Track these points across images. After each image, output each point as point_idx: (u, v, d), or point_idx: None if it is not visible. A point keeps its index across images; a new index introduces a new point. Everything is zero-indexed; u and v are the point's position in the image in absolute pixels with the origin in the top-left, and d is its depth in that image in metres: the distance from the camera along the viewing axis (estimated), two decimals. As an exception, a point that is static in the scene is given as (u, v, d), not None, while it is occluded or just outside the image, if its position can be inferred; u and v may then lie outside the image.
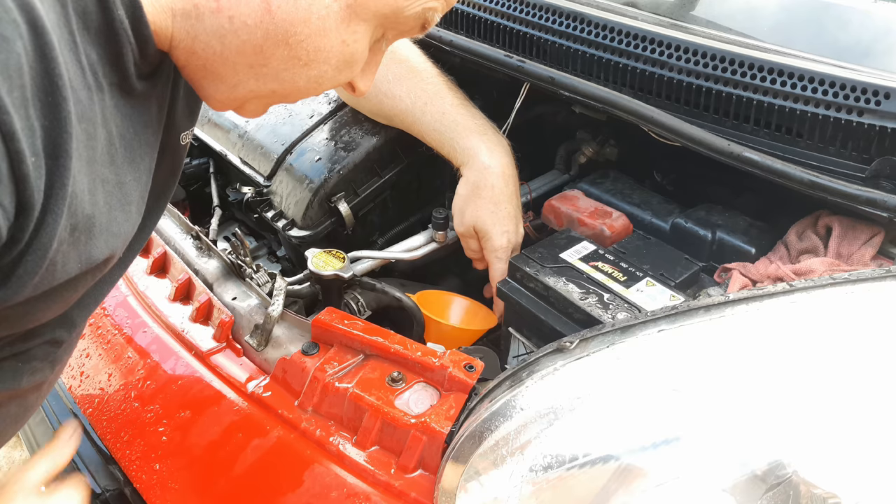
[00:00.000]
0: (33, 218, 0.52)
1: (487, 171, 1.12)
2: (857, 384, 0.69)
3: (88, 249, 0.61)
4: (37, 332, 0.72)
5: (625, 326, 0.76)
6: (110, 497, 0.99)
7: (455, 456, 0.77)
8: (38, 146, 0.51)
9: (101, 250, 0.63)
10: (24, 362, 0.73)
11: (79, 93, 0.56)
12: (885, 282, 0.75)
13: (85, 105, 0.57)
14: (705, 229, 1.10)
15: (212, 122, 1.44)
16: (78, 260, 0.60)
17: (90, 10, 0.57)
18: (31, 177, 0.50)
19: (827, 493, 0.66)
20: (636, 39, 1.12)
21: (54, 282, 0.59)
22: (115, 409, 1.02)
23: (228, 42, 0.64)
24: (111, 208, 0.63)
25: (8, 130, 0.47)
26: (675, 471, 0.69)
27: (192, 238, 1.21)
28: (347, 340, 0.94)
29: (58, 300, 0.65)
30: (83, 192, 0.58)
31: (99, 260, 0.63)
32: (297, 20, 0.64)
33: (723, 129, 1.04)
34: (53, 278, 0.59)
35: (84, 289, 0.68)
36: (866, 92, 0.94)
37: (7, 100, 0.47)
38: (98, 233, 0.62)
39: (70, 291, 0.65)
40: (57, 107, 0.52)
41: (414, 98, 1.17)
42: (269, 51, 0.65)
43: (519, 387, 0.75)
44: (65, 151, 0.53)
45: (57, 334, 0.74)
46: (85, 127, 0.57)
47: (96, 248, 0.62)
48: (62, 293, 0.64)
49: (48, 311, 0.67)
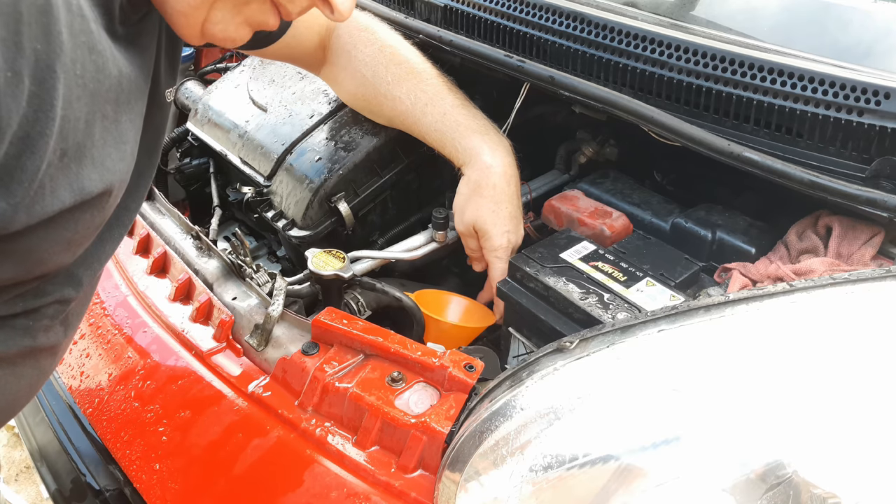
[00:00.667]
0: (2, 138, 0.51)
1: (489, 170, 1.12)
2: (858, 384, 0.69)
3: (80, 179, 0.61)
4: (46, 289, 0.73)
5: (625, 326, 0.76)
6: (110, 497, 0.99)
7: (455, 456, 0.77)
8: (20, 66, 0.50)
9: (95, 183, 0.63)
10: (36, 320, 0.74)
11: (89, 24, 0.56)
12: (886, 282, 0.75)
13: (96, 38, 0.57)
14: (705, 229, 1.10)
15: (212, 122, 1.44)
16: (70, 188, 0.60)
17: None
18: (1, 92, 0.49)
19: (827, 493, 0.66)
20: (636, 39, 1.12)
21: (47, 208, 0.59)
22: (115, 409, 1.02)
23: None
24: (105, 143, 0.63)
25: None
26: (675, 471, 0.69)
27: (192, 238, 1.21)
28: (347, 340, 0.94)
29: (59, 240, 0.65)
30: (78, 119, 0.58)
31: (93, 192, 0.63)
32: None
33: (723, 129, 1.04)
34: (44, 203, 0.58)
35: (86, 231, 0.68)
36: (866, 92, 0.94)
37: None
38: (90, 163, 0.62)
39: (70, 228, 0.65)
40: (51, 32, 0.51)
41: (414, 99, 1.17)
42: None
43: (519, 387, 0.75)
44: (53, 76, 0.52)
45: (65, 293, 0.75)
46: (94, 58, 0.57)
47: (89, 179, 0.62)
48: (62, 230, 0.64)
49: (53, 253, 0.67)
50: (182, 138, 1.52)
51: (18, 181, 0.55)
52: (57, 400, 1.13)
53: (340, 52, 1.21)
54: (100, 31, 0.59)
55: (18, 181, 0.55)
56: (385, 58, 1.19)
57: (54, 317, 0.77)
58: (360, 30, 1.21)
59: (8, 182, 0.55)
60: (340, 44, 1.21)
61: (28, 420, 1.21)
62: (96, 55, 0.58)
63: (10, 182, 0.55)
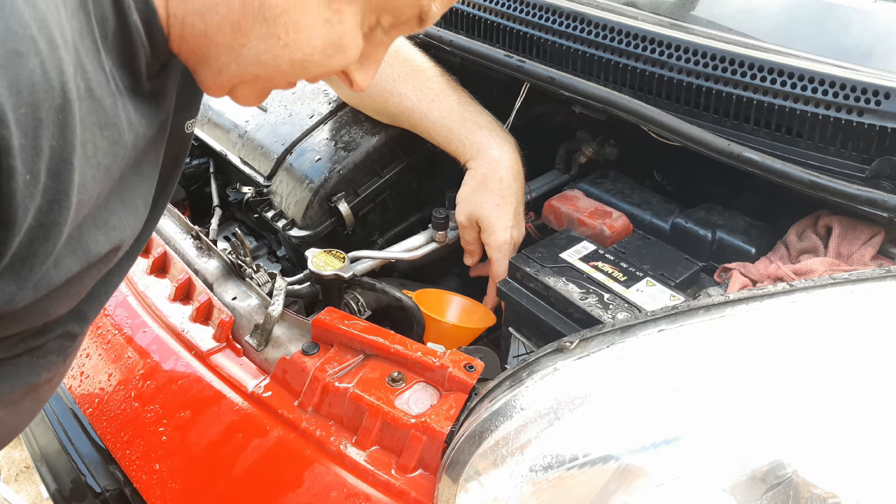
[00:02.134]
0: (16, 233, 0.51)
1: (497, 163, 1.13)
2: (858, 384, 0.69)
3: (85, 245, 0.61)
4: (50, 327, 0.72)
5: (625, 326, 0.76)
6: (110, 497, 0.99)
7: (455, 456, 0.77)
8: (38, 167, 0.50)
9: (102, 244, 0.63)
10: (40, 357, 0.73)
11: (102, 101, 0.56)
12: (886, 282, 0.75)
13: (109, 113, 0.57)
14: (705, 229, 1.10)
15: (212, 122, 1.44)
16: (76, 256, 0.60)
17: (108, 16, 0.56)
18: (20, 195, 0.49)
19: (827, 493, 0.66)
20: (636, 39, 1.12)
21: (53, 281, 0.59)
22: (115, 409, 1.02)
23: (209, 19, 0.63)
24: (113, 203, 0.63)
25: (4, 145, 0.46)
26: (675, 471, 0.69)
27: (192, 238, 1.21)
28: (347, 340, 0.94)
29: (65, 296, 0.65)
30: (92, 196, 0.58)
31: (100, 254, 0.63)
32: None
33: (723, 128, 1.04)
34: (51, 278, 0.58)
35: (92, 282, 0.68)
36: (866, 92, 0.94)
37: (11, 115, 0.46)
38: (96, 228, 0.61)
39: (76, 287, 0.65)
40: (68, 126, 0.51)
41: (420, 95, 1.17)
42: (246, 27, 0.63)
43: (519, 387, 0.75)
44: (70, 168, 0.52)
45: (70, 328, 0.74)
46: (108, 135, 0.57)
47: (95, 242, 0.62)
48: (68, 290, 0.63)
49: (58, 308, 0.67)
50: (182, 138, 1.52)
51: (30, 266, 0.55)
52: (57, 400, 1.13)
53: None
54: (118, 98, 0.58)
55: (30, 266, 0.55)
56: (389, 55, 1.19)
57: (59, 352, 0.75)
58: None
59: (19, 268, 0.54)
60: None
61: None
62: (109, 130, 0.57)
63: (22, 268, 0.54)
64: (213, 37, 0.64)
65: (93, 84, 0.55)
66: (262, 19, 0.63)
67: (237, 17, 0.62)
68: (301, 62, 0.67)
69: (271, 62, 0.66)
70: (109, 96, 0.57)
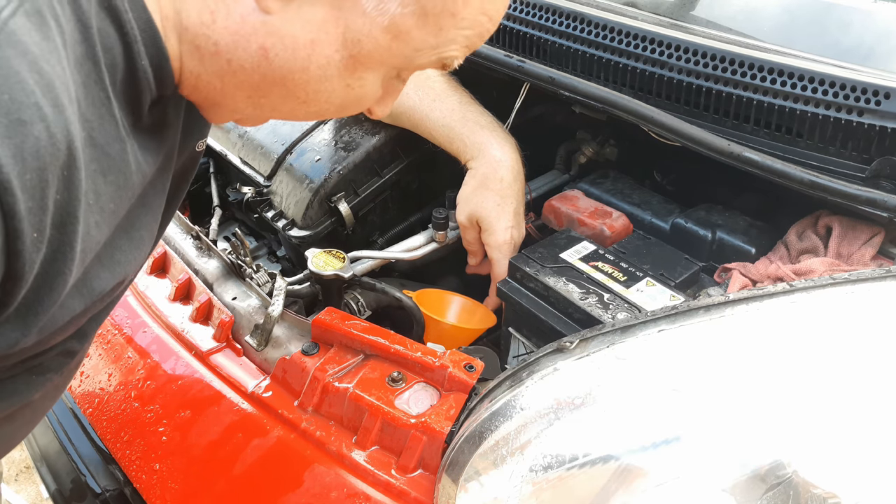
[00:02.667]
0: (22, 286, 0.52)
1: (498, 163, 1.13)
2: (858, 384, 0.69)
3: (90, 284, 0.61)
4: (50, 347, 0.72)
5: (625, 326, 0.76)
6: (110, 497, 1.00)
7: (455, 456, 0.77)
8: (44, 223, 0.51)
9: (107, 281, 0.63)
10: (39, 374, 0.73)
11: (107, 147, 0.56)
12: (886, 282, 0.75)
13: (115, 159, 0.57)
14: (705, 229, 1.10)
15: (212, 122, 1.44)
16: (80, 297, 0.61)
17: (117, 62, 0.57)
18: (27, 251, 0.50)
19: (827, 493, 0.66)
20: (636, 39, 1.12)
21: (57, 323, 0.60)
22: (115, 409, 1.02)
23: (227, 81, 0.64)
24: (119, 239, 0.63)
25: (10, 210, 0.47)
26: (675, 471, 0.69)
27: (192, 238, 1.21)
28: (347, 340, 0.94)
29: (68, 328, 0.65)
30: (98, 243, 0.58)
31: (105, 290, 0.63)
32: (296, 68, 0.63)
33: (723, 129, 1.04)
34: (55, 321, 0.59)
35: (92, 313, 0.68)
36: (866, 92, 0.94)
37: (16, 182, 0.47)
38: (101, 267, 0.62)
39: (78, 321, 0.65)
40: (73, 181, 0.52)
41: (422, 95, 1.17)
42: (266, 89, 0.64)
43: (519, 387, 0.75)
44: (74, 220, 0.53)
45: (69, 345, 0.74)
46: (113, 179, 0.58)
47: (100, 279, 0.62)
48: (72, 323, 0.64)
49: (58, 339, 0.67)
50: (182, 138, 1.52)
51: (35, 313, 0.55)
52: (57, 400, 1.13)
53: None
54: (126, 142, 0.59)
55: (35, 313, 0.55)
56: None
57: (57, 369, 0.75)
58: None
59: (24, 315, 0.55)
60: None
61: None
62: (114, 175, 0.58)
63: (27, 315, 0.55)
64: (231, 93, 0.65)
65: (95, 133, 0.55)
66: (283, 86, 0.64)
67: (257, 82, 0.64)
68: (317, 113, 0.68)
69: (288, 112, 0.68)
70: (117, 142, 0.58)
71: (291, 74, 0.63)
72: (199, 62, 0.63)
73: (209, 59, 0.62)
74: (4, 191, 0.46)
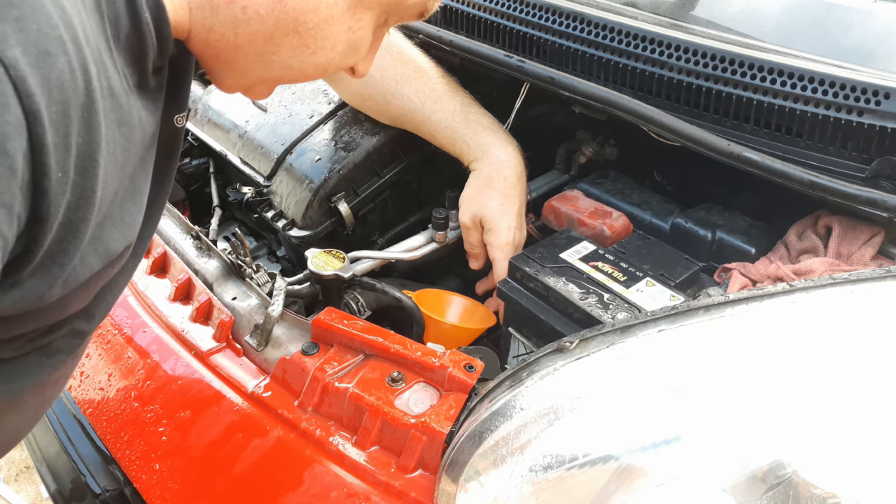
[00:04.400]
0: (48, 230, 0.52)
1: (502, 164, 1.13)
2: (858, 384, 0.69)
3: (106, 243, 0.63)
4: (59, 325, 0.73)
5: (625, 326, 0.76)
6: (110, 497, 0.99)
7: (455, 456, 0.76)
8: (69, 164, 0.51)
9: (119, 242, 0.65)
10: (49, 355, 0.74)
11: (119, 99, 0.58)
12: (886, 282, 0.75)
13: (125, 111, 0.59)
14: (705, 229, 1.10)
15: (212, 122, 1.44)
16: (97, 254, 0.62)
17: (121, 16, 0.58)
18: (52, 191, 0.50)
19: (827, 493, 0.66)
20: (636, 39, 1.12)
21: (79, 279, 0.61)
22: (115, 409, 1.02)
23: (241, 32, 0.66)
24: (125, 201, 0.65)
25: (38, 142, 0.47)
26: (675, 471, 0.69)
27: (192, 238, 1.21)
28: (347, 340, 0.94)
29: (81, 294, 0.67)
30: (111, 193, 0.60)
31: (118, 251, 0.65)
32: (307, 9, 0.66)
33: (723, 129, 1.04)
34: (77, 276, 0.60)
35: (105, 280, 0.69)
36: (866, 92, 0.94)
37: (45, 113, 0.47)
38: (113, 226, 0.63)
39: (94, 284, 0.67)
40: (93, 124, 0.53)
41: (423, 97, 1.17)
42: (279, 39, 0.67)
43: (519, 387, 0.75)
44: (95, 165, 0.54)
45: (77, 325, 0.75)
46: (124, 132, 0.59)
47: (113, 240, 0.64)
48: (87, 287, 0.65)
49: (75, 305, 0.69)
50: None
51: (60, 264, 0.56)
52: (57, 401, 1.13)
53: None
54: (129, 95, 0.60)
55: (60, 264, 0.56)
56: (392, 56, 1.19)
57: (68, 351, 0.77)
58: None
59: (50, 266, 0.56)
60: None
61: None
62: (125, 128, 0.60)
63: (52, 266, 0.56)
64: (244, 47, 0.68)
65: (112, 82, 0.56)
66: (295, 33, 0.67)
67: (270, 30, 0.66)
68: (323, 66, 0.72)
69: (297, 67, 0.71)
70: (124, 94, 0.59)
71: (303, 16, 0.66)
72: (211, 12, 0.65)
73: (224, 8, 0.65)
74: (35, 121, 0.46)
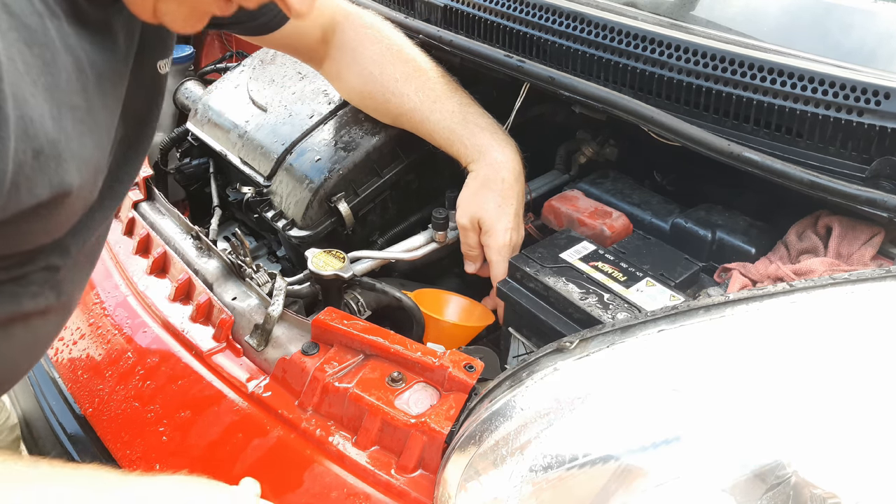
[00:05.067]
0: None
1: (500, 165, 1.13)
2: (858, 384, 0.69)
3: (60, 174, 0.63)
4: (31, 258, 0.74)
5: (625, 326, 0.76)
6: (110, 497, 0.99)
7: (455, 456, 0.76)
8: None
9: (73, 175, 0.65)
10: (23, 287, 0.76)
11: (25, 19, 0.58)
12: (886, 282, 0.75)
13: (36, 31, 0.59)
14: (705, 229, 1.10)
15: (212, 122, 1.44)
16: (48, 185, 0.62)
17: None
18: None
19: (827, 494, 0.66)
20: (636, 39, 1.12)
21: (22, 205, 0.61)
22: (115, 409, 1.02)
23: None
24: (81, 134, 0.65)
25: None
26: (675, 471, 0.69)
27: (192, 238, 1.21)
28: (347, 340, 0.94)
29: (42, 225, 0.67)
30: (42, 117, 0.59)
31: (73, 184, 0.65)
32: None
33: (723, 129, 1.04)
34: (20, 200, 0.60)
35: (67, 214, 0.70)
36: (866, 92, 0.94)
37: None
38: (68, 157, 0.63)
39: (53, 216, 0.67)
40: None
41: (422, 97, 1.17)
42: None
43: (519, 387, 0.75)
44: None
45: (51, 260, 0.77)
46: (38, 52, 0.59)
47: (67, 172, 0.64)
48: (44, 218, 0.65)
49: (32, 236, 0.69)
50: (182, 138, 1.52)
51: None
52: (57, 400, 1.13)
53: (345, 48, 1.21)
54: (44, 22, 0.60)
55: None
56: (392, 55, 1.19)
57: (42, 283, 0.78)
58: (366, 27, 1.21)
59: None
60: (345, 40, 1.21)
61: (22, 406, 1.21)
62: (40, 49, 0.59)
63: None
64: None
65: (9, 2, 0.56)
66: None
67: None
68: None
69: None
70: (34, 15, 0.59)
71: None
72: None
73: None
74: None
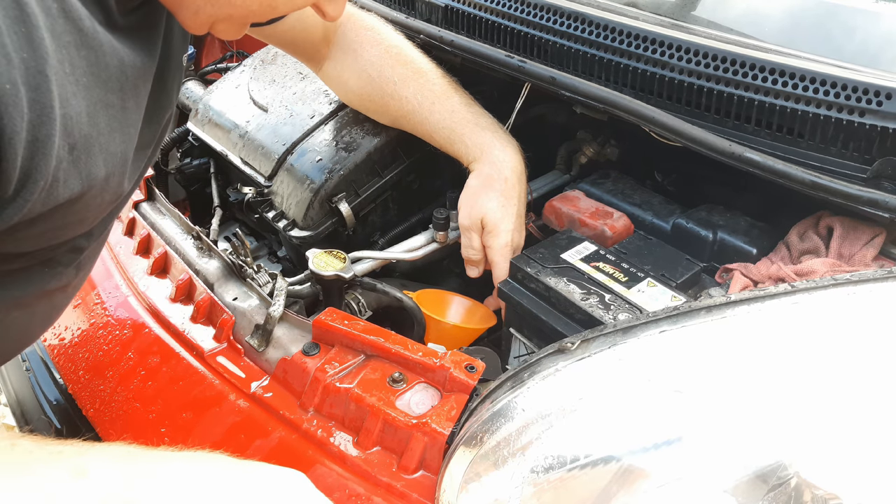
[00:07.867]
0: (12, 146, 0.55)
1: (502, 164, 1.13)
2: (859, 385, 0.69)
3: (89, 167, 0.66)
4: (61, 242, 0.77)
5: (626, 327, 0.76)
6: (111, 497, 0.99)
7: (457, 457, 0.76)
8: (14, 76, 0.54)
9: (100, 168, 0.68)
10: (51, 267, 0.79)
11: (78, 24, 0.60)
12: (887, 283, 0.75)
13: (87, 35, 0.62)
14: (706, 230, 1.10)
15: (212, 122, 1.44)
16: (79, 177, 0.65)
17: None
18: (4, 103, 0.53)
19: (828, 494, 0.66)
20: (637, 39, 1.12)
21: (59, 199, 0.64)
22: (116, 410, 1.02)
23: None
24: (112, 129, 0.68)
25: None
26: (677, 472, 0.69)
27: (193, 238, 1.21)
28: (348, 341, 0.94)
29: (74, 218, 0.70)
30: (80, 114, 0.62)
31: (100, 177, 0.68)
32: None
33: (724, 129, 1.04)
34: (58, 195, 0.63)
35: (97, 207, 0.73)
36: (867, 92, 0.94)
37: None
38: (98, 152, 0.66)
39: (84, 209, 0.70)
40: (34, 39, 0.55)
41: (421, 98, 1.17)
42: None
43: (520, 387, 0.75)
44: (46, 80, 0.57)
45: (77, 242, 0.80)
46: (85, 54, 0.62)
47: (96, 165, 0.67)
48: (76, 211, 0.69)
49: (68, 229, 0.73)
50: (182, 138, 1.52)
51: (34, 181, 0.59)
52: (58, 400, 1.13)
53: (346, 50, 1.21)
54: (94, 26, 0.63)
55: (34, 181, 0.59)
56: (391, 58, 1.19)
57: (68, 263, 0.82)
58: (366, 29, 1.21)
59: (24, 182, 0.59)
60: (346, 42, 1.21)
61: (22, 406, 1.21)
62: (87, 51, 0.62)
63: (27, 182, 0.59)
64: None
65: (66, 6, 0.59)
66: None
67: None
68: (269, 2, 0.72)
69: (240, 3, 0.71)
70: (87, 19, 0.61)
71: None
72: None
73: None
74: None
